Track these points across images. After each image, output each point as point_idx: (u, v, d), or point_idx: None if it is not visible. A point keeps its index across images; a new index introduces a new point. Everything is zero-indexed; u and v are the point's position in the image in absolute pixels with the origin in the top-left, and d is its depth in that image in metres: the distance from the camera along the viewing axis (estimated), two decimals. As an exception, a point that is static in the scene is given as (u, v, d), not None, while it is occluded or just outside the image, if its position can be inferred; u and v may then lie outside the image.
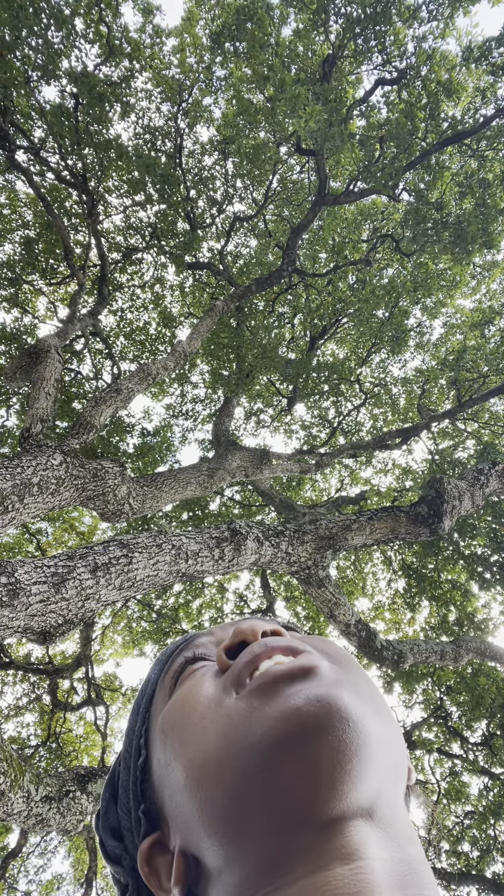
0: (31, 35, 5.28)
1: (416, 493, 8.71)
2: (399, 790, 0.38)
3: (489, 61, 5.63)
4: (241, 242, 9.52)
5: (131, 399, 4.99)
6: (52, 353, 4.83)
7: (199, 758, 0.37)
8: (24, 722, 8.11)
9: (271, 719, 0.35)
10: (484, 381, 7.59)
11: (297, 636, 0.48)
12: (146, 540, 3.01)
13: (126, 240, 8.60)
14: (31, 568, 2.51)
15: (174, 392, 9.80)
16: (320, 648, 0.44)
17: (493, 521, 7.20)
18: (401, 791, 0.38)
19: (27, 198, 7.94)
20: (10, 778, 2.66)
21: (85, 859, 7.39)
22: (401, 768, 0.39)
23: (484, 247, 6.36)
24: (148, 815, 0.44)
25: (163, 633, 8.83)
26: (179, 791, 0.38)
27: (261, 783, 0.33)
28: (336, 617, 4.01)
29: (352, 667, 0.43)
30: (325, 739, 0.33)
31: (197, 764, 0.37)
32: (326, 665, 0.39)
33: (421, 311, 8.64)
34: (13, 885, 7.09)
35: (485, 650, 5.49)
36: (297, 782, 0.33)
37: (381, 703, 0.41)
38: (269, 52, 5.71)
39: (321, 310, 8.48)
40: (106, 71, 6.67)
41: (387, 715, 0.40)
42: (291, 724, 0.34)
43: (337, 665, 0.41)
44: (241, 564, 3.32)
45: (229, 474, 6.32)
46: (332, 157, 6.59)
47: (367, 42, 5.67)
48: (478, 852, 7.02)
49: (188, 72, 7.28)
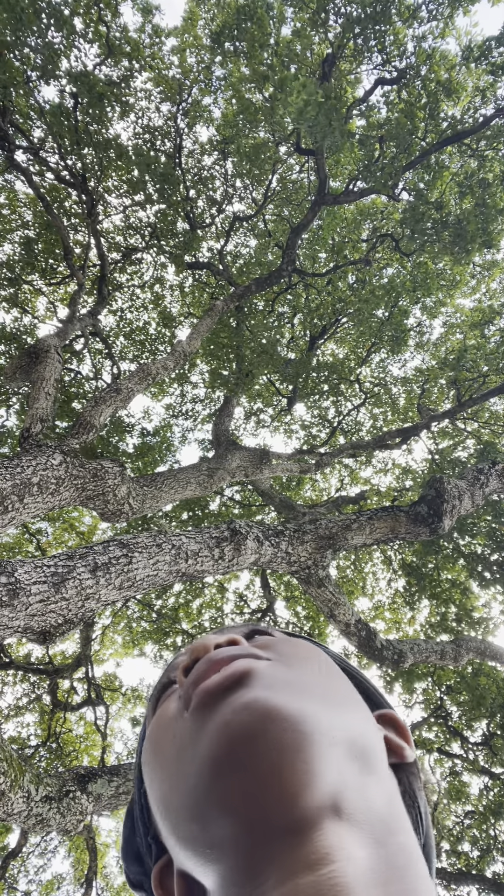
0: (30, 35, 5.28)
1: (416, 492, 8.71)
2: (371, 778, 0.36)
3: (489, 61, 5.63)
4: (240, 242, 9.53)
5: (131, 399, 4.99)
6: (51, 353, 4.83)
7: (165, 785, 0.38)
8: (24, 722, 8.12)
9: (209, 736, 0.35)
10: (484, 381, 7.59)
11: (263, 640, 0.47)
12: (146, 540, 3.01)
13: (126, 240, 8.60)
14: (30, 568, 2.51)
15: (174, 392, 9.80)
16: (275, 648, 0.44)
17: (493, 520, 7.20)
18: (375, 777, 0.37)
19: (27, 198, 7.94)
20: (10, 778, 2.66)
21: (85, 859, 7.39)
22: (368, 754, 0.37)
23: (484, 246, 6.36)
24: (156, 840, 0.45)
25: (163, 633, 8.83)
26: (159, 816, 0.39)
27: (215, 802, 0.33)
28: (336, 617, 4.01)
29: (300, 662, 0.42)
30: (259, 747, 0.33)
31: (164, 790, 0.38)
32: (263, 667, 0.39)
33: (421, 310, 8.64)
34: (13, 885, 7.09)
35: (485, 650, 5.49)
36: (247, 795, 0.32)
37: (335, 692, 0.40)
38: (269, 52, 5.71)
39: (321, 309, 8.48)
40: (105, 71, 6.67)
41: (340, 703, 0.39)
42: (224, 738, 0.34)
43: (281, 663, 0.41)
44: (241, 564, 3.32)
45: (229, 474, 6.32)
46: (332, 156, 6.59)
47: (367, 42, 5.67)
48: (478, 852, 7.02)
49: (188, 72, 7.28)
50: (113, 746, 8.23)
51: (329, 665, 0.46)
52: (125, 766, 3.48)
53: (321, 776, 0.33)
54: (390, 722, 0.47)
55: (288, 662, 0.42)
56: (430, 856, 0.43)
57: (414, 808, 0.42)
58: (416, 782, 0.44)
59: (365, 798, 0.34)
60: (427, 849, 0.43)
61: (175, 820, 0.36)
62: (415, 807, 0.42)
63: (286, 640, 0.47)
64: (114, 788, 3.26)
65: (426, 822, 0.44)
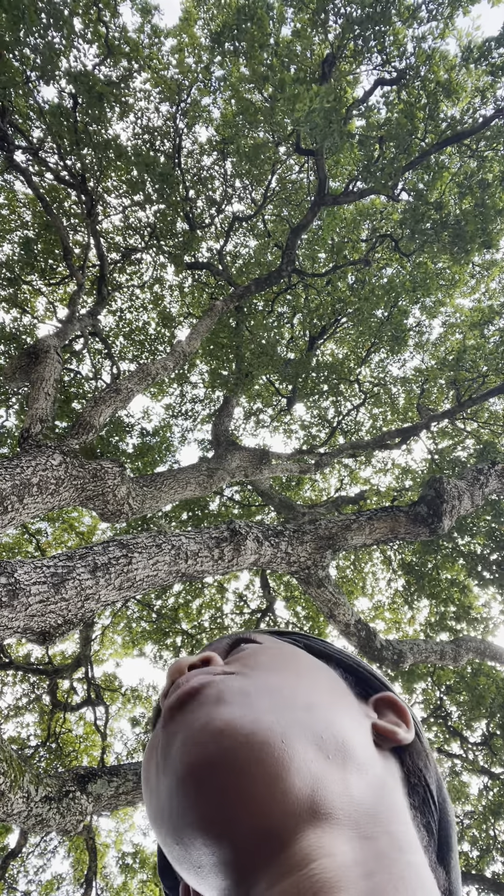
0: (29, 35, 5.28)
1: (416, 492, 8.71)
2: (351, 771, 0.35)
3: (489, 61, 5.63)
4: (240, 242, 9.53)
5: (131, 399, 4.99)
6: (51, 353, 4.83)
7: (151, 810, 0.38)
8: (23, 722, 8.13)
9: (172, 762, 0.35)
10: (483, 381, 7.59)
11: (244, 650, 0.47)
12: (146, 540, 3.01)
13: (125, 240, 8.60)
14: (30, 568, 2.51)
15: (173, 392, 9.80)
16: (249, 658, 0.44)
17: (492, 520, 7.20)
18: (357, 770, 0.36)
19: (26, 198, 7.94)
20: (9, 778, 2.66)
21: (84, 859, 7.38)
22: (345, 748, 0.36)
23: (483, 246, 6.36)
24: None
25: (162, 634, 8.82)
26: (157, 839, 0.40)
27: (188, 825, 0.33)
28: (336, 617, 4.01)
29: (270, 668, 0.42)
30: (217, 767, 0.33)
31: (151, 815, 0.38)
32: (216, 682, 0.39)
33: (420, 310, 8.65)
34: (13, 886, 7.08)
35: (484, 650, 5.50)
36: (215, 815, 0.32)
37: (306, 691, 0.40)
38: (269, 52, 5.71)
39: (320, 309, 8.48)
40: (105, 71, 6.67)
41: (311, 703, 0.38)
42: (183, 763, 0.34)
43: (243, 675, 0.40)
44: (240, 564, 3.32)
45: (229, 474, 6.32)
46: (332, 156, 6.59)
47: (367, 42, 5.67)
48: (477, 852, 7.02)
49: (187, 72, 7.28)
50: (112, 747, 8.23)
51: (307, 664, 0.45)
52: (125, 766, 3.47)
53: (288, 782, 0.32)
54: (388, 704, 0.46)
55: (254, 672, 0.41)
56: (448, 829, 0.42)
57: (421, 785, 0.41)
58: (421, 760, 0.43)
59: (345, 793, 0.34)
60: (444, 823, 0.42)
61: (163, 843, 0.36)
62: (421, 784, 0.41)
63: (264, 647, 0.47)
64: (113, 789, 3.26)
65: (440, 797, 0.43)
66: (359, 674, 0.50)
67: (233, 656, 0.47)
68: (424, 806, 0.41)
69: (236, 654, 0.47)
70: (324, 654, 0.50)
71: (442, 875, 0.39)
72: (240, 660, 0.44)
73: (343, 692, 0.44)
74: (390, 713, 0.45)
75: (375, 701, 0.46)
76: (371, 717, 0.44)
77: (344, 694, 0.44)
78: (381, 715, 0.45)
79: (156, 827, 0.37)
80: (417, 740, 0.44)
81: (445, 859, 0.40)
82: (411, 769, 0.42)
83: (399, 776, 0.40)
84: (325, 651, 0.51)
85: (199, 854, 0.33)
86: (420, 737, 0.45)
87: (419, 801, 0.41)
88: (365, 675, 0.50)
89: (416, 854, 0.33)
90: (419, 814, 0.40)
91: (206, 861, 0.33)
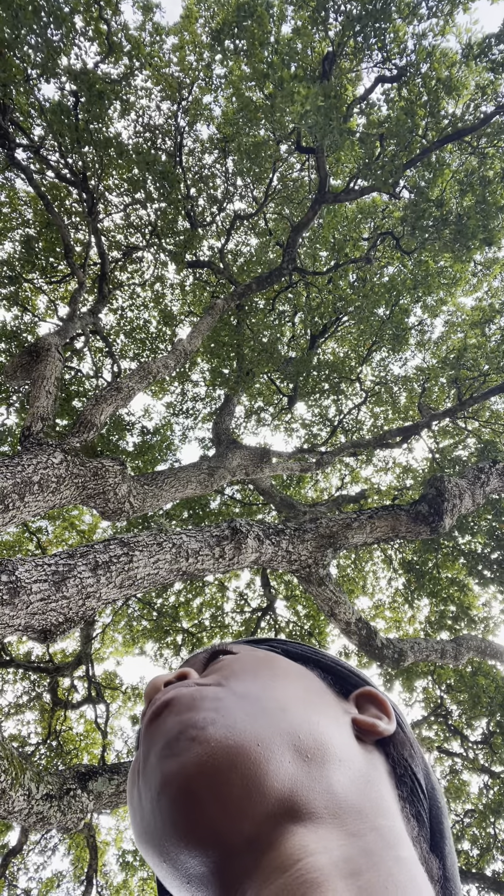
0: (30, 33, 5.27)
1: (417, 491, 8.71)
2: (332, 769, 0.35)
3: (489, 58, 5.61)
4: (241, 241, 9.52)
5: (132, 397, 4.99)
6: (52, 351, 4.82)
7: (135, 833, 0.38)
8: (24, 720, 8.12)
9: (151, 774, 0.36)
10: (485, 380, 7.58)
11: (222, 661, 0.47)
12: (147, 538, 3.01)
13: (126, 238, 8.59)
14: (31, 566, 2.51)
15: (174, 390, 9.79)
16: (225, 669, 0.44)
17: (493, 518, 7.19)
18: (338, 767, 0.36)
19: (27, 196, 7.93)
20: (10, 776, 2.66)
21: (85, 857, 7.40)
22: (323, 746, 0.36)
23: (484, 244, 6.35)
24: None
25: (163, 632, 8.83)
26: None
27: (172, 835, 0.33)
28: (336, 615, 4.01)
29: (244, 676, 0.42)
30: (192, 774, 0.33)
31: (137, 838, 0.38)
32: (190, 692, 0.39)
33: (421, 309, 8.63)
34: (13, 883, 7.10)
35: (485, 649, 5.50)
36: (196, 821, 0.32)
37: (280, 695, 0.40)
38: (270, 50, 5.69)
39: (322, 308, 8.47)
40: (105, 69, 6.66)
41: (284, 706, 0.38)
42: (161, 773, 0.34)
43: (217, 685, 0.41)
44: (241, 563, 3.32)
45: (230, 473, 6.32)
46: (333, 154, 6.57)
47: (367, 39, 5.65)
48: (478, 850, 7.02)
49: (188, 70, 7.26)
50: (113, 745, 8.24)
51: (284, 668, 0.45)
52: (125, 764, 3.48)
53: (266, 784, 0.32)
54: (369, 698, 0.46)
55: (229, 680, 0.41)
56: (440, 817, 0.42)
57: (408, 776, 0.41)
58: (405, 750, 0.43)
59: (327, 791, 0.34)
60: (435, 811, 0.42)
61: (152, 862, 0.36)
62: (408, 774, 0.41)
63: (239, 657, 0.47)
64: (114, 786, 3.26)
65: (428, 785, 0.43)
66: (337, 672, 0.50)
67: (209, 669, 0.47)
68: (413, 796, 0.41)
69: (213, 666, 0.47)
70: (301, 656, 0.51)
71: (435, 863, 0.38)
72: (216, 671, 0.44)
73: (321, 691, 0.44)
74: (371, 707, 0.45)
75: (356, 697, 0.46)
76: (351, 712, 0.43)
77: (322, 693, 0.44)
78: (363, 710, 0.45)
79: (143, 846, 0.37)
80: (401, 731, 0.44)
81: (439, 847, 0.40)
82: (397, 760, 0.42)
83: (384, 769, 0.40)
84: (302, 654, 0.51)
85: (186, 866, 0.33)
86: (403, 727, 0.45)
87: (407, 792, 0.40)
88: (344, 673, 0.50)
89: (405, 849, 0.33)
90: (408, 804, 0.40)
91: (193, 873, 0.33)
